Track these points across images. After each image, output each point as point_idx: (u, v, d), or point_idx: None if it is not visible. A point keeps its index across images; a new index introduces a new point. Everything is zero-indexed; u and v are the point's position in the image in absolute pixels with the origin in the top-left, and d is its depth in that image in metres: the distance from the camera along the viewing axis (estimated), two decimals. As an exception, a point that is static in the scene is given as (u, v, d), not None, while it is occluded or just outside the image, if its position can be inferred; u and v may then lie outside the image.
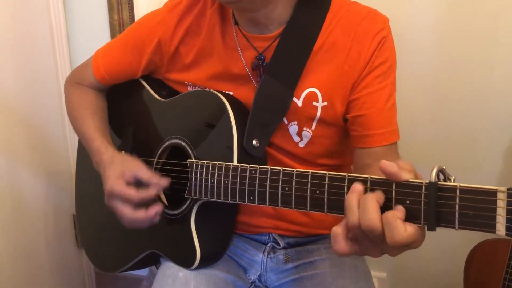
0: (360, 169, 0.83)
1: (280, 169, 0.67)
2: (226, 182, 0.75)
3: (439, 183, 0.51)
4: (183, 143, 0.86)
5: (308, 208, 0.63)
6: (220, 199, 0.76)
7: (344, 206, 0.56)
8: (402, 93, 0.92)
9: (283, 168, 0.66)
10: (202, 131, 0.84)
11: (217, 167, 0.77)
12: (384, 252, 0.55)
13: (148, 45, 0.92)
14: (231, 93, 0.87)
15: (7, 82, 1.30)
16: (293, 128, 0.85)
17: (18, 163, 1.36)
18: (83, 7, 1.49)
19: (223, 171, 0.75)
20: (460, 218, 0.50)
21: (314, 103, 0.83)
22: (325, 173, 0.61)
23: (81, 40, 1.52)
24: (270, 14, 0.81)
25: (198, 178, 0.79)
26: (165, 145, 0.90)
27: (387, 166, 0.53)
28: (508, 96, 1.20)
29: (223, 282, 0.87)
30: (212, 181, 0.77)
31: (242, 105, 0.85)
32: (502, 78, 1.19)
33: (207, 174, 0.78)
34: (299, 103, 0.83)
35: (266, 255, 0.93)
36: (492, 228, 0.48)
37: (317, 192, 0.62)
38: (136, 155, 0.95)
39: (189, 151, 0.85)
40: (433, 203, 0.51)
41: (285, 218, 0.91)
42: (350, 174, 0.59)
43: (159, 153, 0.92)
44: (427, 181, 0.51)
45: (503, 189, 0.47)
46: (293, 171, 0.65)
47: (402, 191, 0.53)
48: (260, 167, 0.70)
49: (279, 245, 0.94)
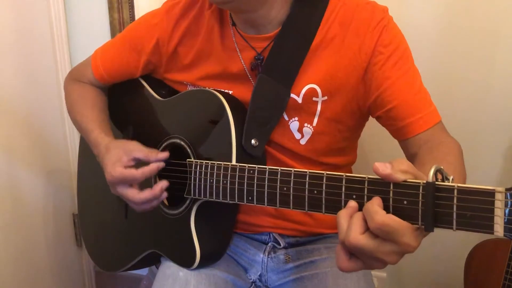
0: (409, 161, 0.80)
1: (278, 169, 0.66)
2: (225, 182, 0.75)
3: (436, 183, 0.50)
4: (182, 143, 0.86)
5: (306, 208, 0.63)
6: (219, 199, 0.76)
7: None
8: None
9: (281, 168, 0.66)
10: (201, 130, 0.84)
11: (215, 166, 0.76)
12: (386, 263, 0.54)
13: (147, 45, 0.92)
14: (230, 92, 0.87)
15: (7, 82, 1.30)
16: (294, 125, 0.85)
17: (18, 162, 1.36)
18: (83, 6, 1.48)
19: (221, 171, 0.75)
20: (458, 219, 0.49)
21: (314, 98, 0.82)
22: (323, 173, 0.61)
23: (81, 39, 1.52)
24: (266, 15, 0.81)
25: (197, 178, 0.79)
26: (164, 144, 0.90)
27: (379, 169, 0.53)
28: (508, 96, 1.19)
29: (223, 282, 0.87)
30: (211, 181, 0.77)
31: (241, 104, 0.85)
32: (502, 77, 1.19)
33: (206, 174, 0.78)
34: (299, 99, 0.83)
35: (267, 254, 0.93)
36: (490, 229, 0.48)
37: (315, 192, 0.61)
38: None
39: (189, 150, 0.85)
40: (431, 204, 0.50)
41: (285, 217, 0.91)
42: (348, 174, 0.58)
43: (158, 152, 0.92)
44: (425, 182, 0.51)
45: (501, 189, 0.47)
46: (291, 170, 0.65)
47: (400, 191, 0.53)
48: (258, 167, 0.69)
49: (279, 244, 0.93)
